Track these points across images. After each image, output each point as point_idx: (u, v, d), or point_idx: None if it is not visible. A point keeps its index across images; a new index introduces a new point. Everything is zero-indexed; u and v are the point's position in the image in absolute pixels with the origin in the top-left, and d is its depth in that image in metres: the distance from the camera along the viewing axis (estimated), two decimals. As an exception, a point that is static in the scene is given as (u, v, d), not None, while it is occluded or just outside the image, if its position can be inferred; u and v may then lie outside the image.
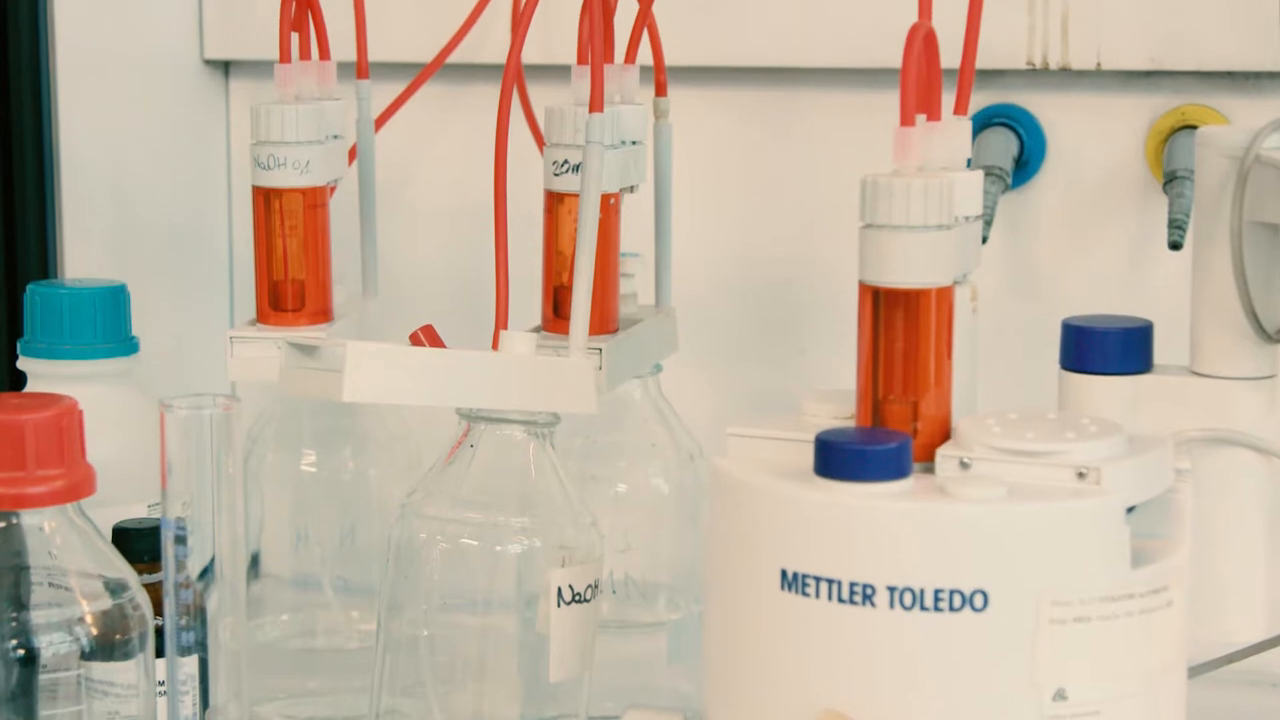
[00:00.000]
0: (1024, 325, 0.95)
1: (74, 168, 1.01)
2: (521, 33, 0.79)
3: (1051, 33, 0.94)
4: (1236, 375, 0.70)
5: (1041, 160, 0.97)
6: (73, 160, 1.01)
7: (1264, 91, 0.93)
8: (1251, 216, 0.68)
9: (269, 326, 0.84)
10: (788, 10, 0.98)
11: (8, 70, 0.99)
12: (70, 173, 1.01)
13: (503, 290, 0.79)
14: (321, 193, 0.85)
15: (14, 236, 0.99)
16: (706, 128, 1.01)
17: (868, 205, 0.63)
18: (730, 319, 1.02)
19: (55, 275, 1.00)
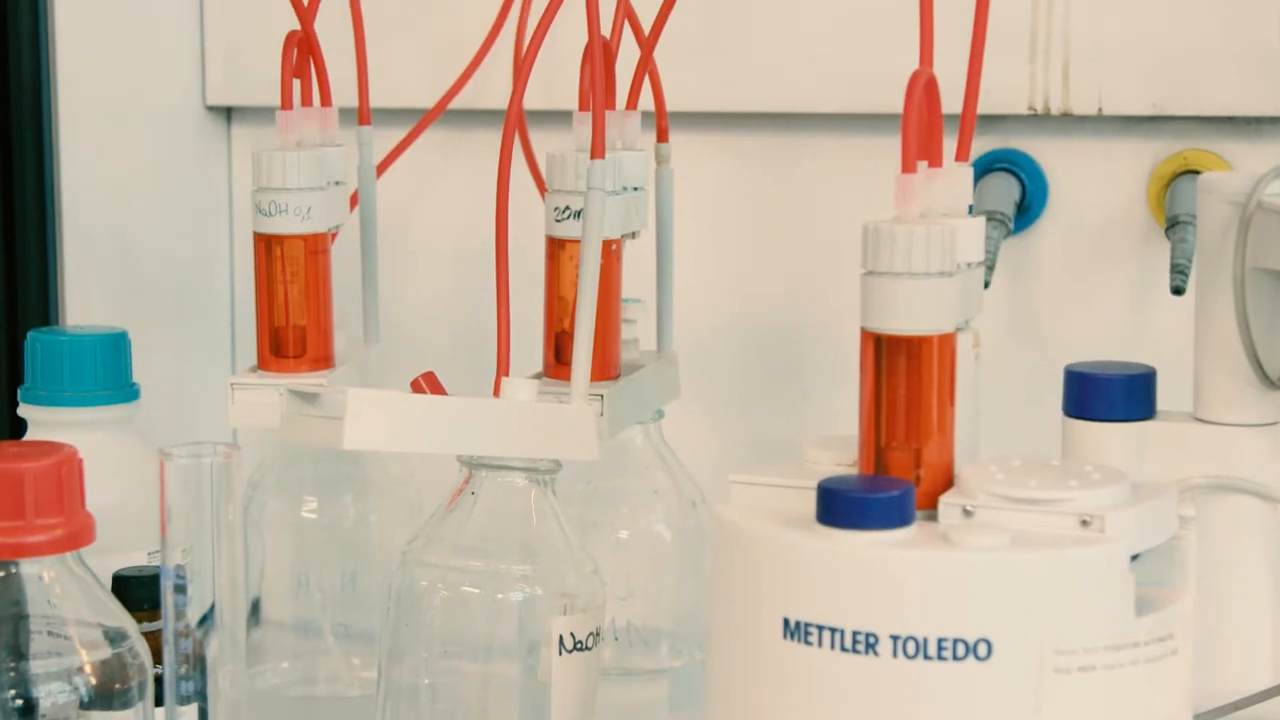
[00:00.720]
0: (1026, 370, 0.94)
1: (75, 213, 1.01)
2: (523, 79, 0.79)
3: (1053, 78, 0.94)
4: (1240, 422, 0.69)
5: (1043, 205, 0.97)
6: (74, 206, 1.01)
7: (1265, 136, 0.93)
8: (1254, 263, 0.68)
9: (270, 373, 0.84)
10: (789, 56, 0.98)
11: (10, 115, 0.99)
12: (72, 218, 1.01)
13: (504, 336, 0.79)
14: (323, 239, 0.85)
15: (15, 283, 0.99)
16: (708, 173, 1.01)
17: (869, 252, 0.62)
18: (732, 364, 1.02)
19: (56, 322, 1.00)
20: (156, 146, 1.06)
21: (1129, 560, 0.60)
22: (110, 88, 1.03)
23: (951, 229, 0.63)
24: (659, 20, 0.86)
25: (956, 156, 0.71)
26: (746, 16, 0.98)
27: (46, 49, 1.00)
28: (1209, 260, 0.70)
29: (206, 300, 1.09)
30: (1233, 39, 0.92)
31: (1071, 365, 0.72)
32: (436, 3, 1.03)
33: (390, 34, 1.02)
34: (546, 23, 0.80)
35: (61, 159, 1.00)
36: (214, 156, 1.10)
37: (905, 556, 0.59)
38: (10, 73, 0.99)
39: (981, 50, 0.71)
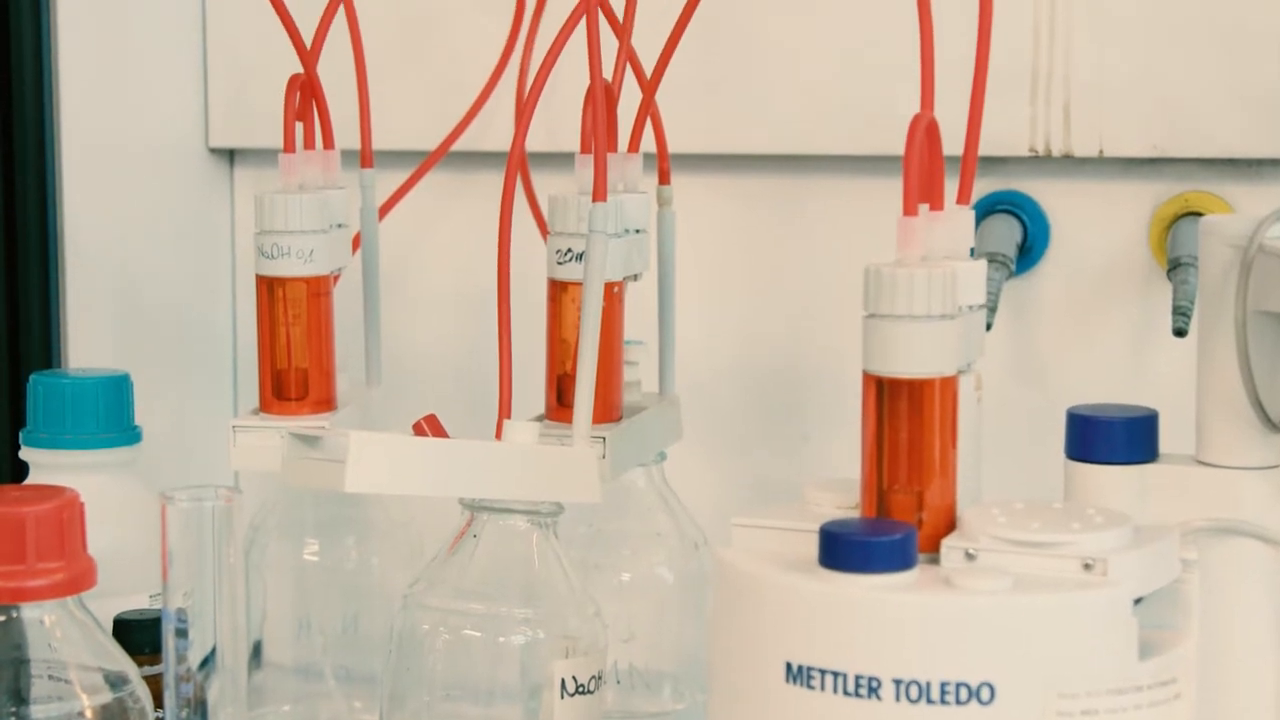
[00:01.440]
0: (1028, 412, 0.94)
1: (78, 256, 1.01)
2: (525, 121, 0.80)
3: (1054, 120, 0.95)
4: (1243, 465, 0.69)
5: (1045, 247, 0.97)
6: (77, 248, 1.01)
7: (1266, 178, 0.94)
8: (1256, 306, 0.67)
9: (272, 415, 0.84)
10: (790, 97, 0.98)
11: (13, 157, 0.99)
12: (74, 261, 1.01)
13: (506, 379, 0.79)
14: (325, 281, 0.85)
15: (18, 325, 0.99)
16: (710, 214, 1.01)
17: (871, 295, 0.63)
18: (734, 406, 1.02)
19: (59, 364, 1.00)
20: (159, 189, 1.06)
21: (1132, 604, 0.60)
22: (113, 130, 1.03)
23: (953, 272, 0.63)
24: (661, 63, 0.86)
25: (958, 199, 0.71)
26: (748, 59, 0.98)
27: (50, 91, 1.00)
28: (1211, 303, 0.70)
29: (209, 342, 1.09)
30: (1233, 81, 0.92)
31: (1073, 408, 0.71)
32: (439, 45, 1.03)
33: (392, 76, 1.02)
34: (549, 65, 0.80)
35: (65, 201, 1.01)
36: (217, 199, 1.10)
37: (908, 600, 0.59)
38: (14, 113, 0.99)
39: (982, 93, 0.71)
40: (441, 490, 0.75)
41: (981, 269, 0.67)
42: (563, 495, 0.77)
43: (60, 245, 1.00)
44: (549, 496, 0.77)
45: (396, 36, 1.03)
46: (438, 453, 0.75)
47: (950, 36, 0.74)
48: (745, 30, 0.98)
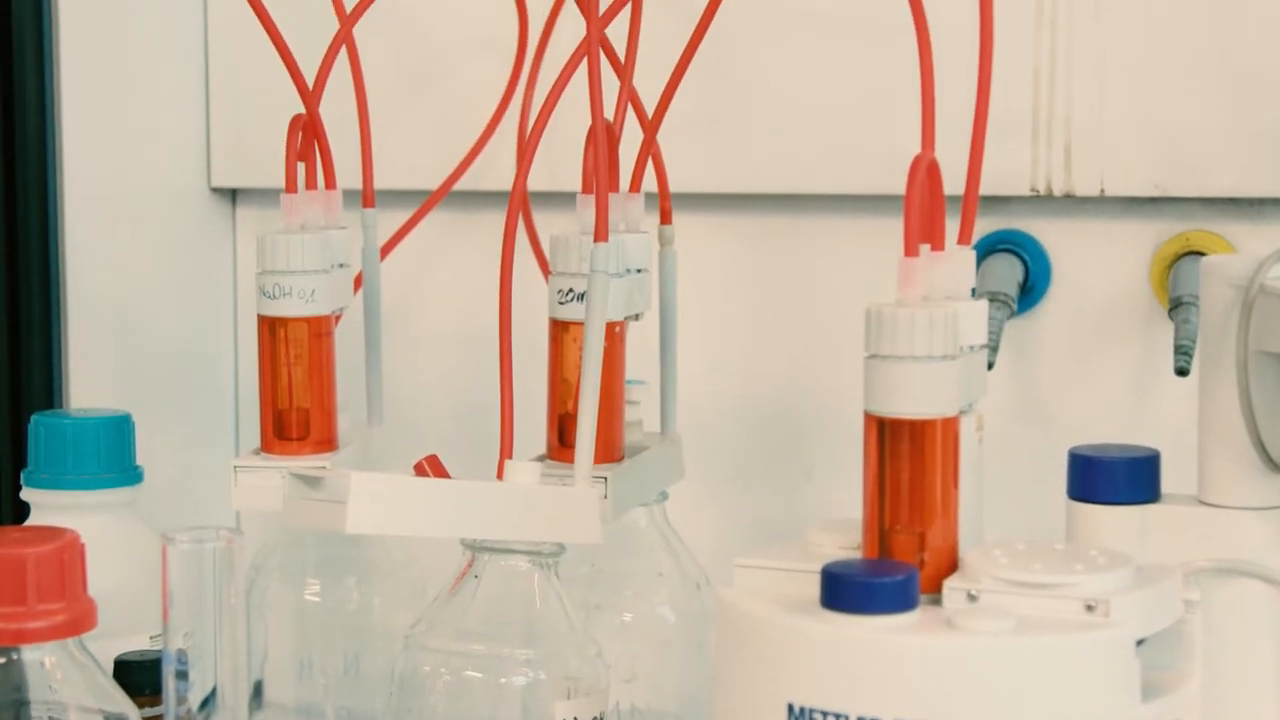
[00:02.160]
0: (1030, 451, 0.94)
1: (80, 295, 1.01)
2: (527, 161, 0.80)
3: (1055, 159, 0.95)
4: (1245, 505, 0.69)
5: (1046, 286, 0.97)
6: (79, 288, 1.01)
7: (1268, 217, 0.94)
8: (1257, 346, 0.68)
9: (273, 455, 0.84)
10: (792, 137, 0.98)
11: (15, 195, 1.00)
12: (76, 300, 1.01)
13: (507, 419, 0.79)
14: (327, 321, 0.85)
15: (19, 365, 0.99)
16: (711, 253, 1.01)
17: (872, 336, 0.63)
18: (736, 445, 1.02)
19: (60, 404, 1.00)
20: (161, 228, 1.06)
21: (1134, 645, 0.60)
22: (115, 169, 1.03)
23: (954, 312, 0.63)
24: (662, 103, 0.86)
25: (959, 239, 0.71)
26: (749, 98, 0.99)
27: (52, 130, 1.00)
28: (1212, 343, 0.70)
29: (211, 382, 1.09)
30: (1234, 120, 0.92)
31: (1075, 448, 0.71)
32: (441, 84, 1.04)
33: (395, 115, 1.02)
34: (550, 105, 0.80)
35: (66, 240, 1.01)
36: (219, 238, 1.10)
37: (910, 642, 0.59)
38: (17, 152, 0.99)
39: (983, 133, 0.71)
40: (443, 531, 0.75)
41: (983, 309, 0.67)
42: (564, 536, 0.77)
43: (62, 285, 1.00)
44: (550, 537, 0.77)
45: (399, 76, 1.03)
46: (439, 493, 0.75)
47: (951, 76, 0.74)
48: (746, 70, 0.98)
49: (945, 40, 0.73)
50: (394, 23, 1.01)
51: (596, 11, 0.78)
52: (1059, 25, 0.94)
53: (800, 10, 0.97)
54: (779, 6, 0.97)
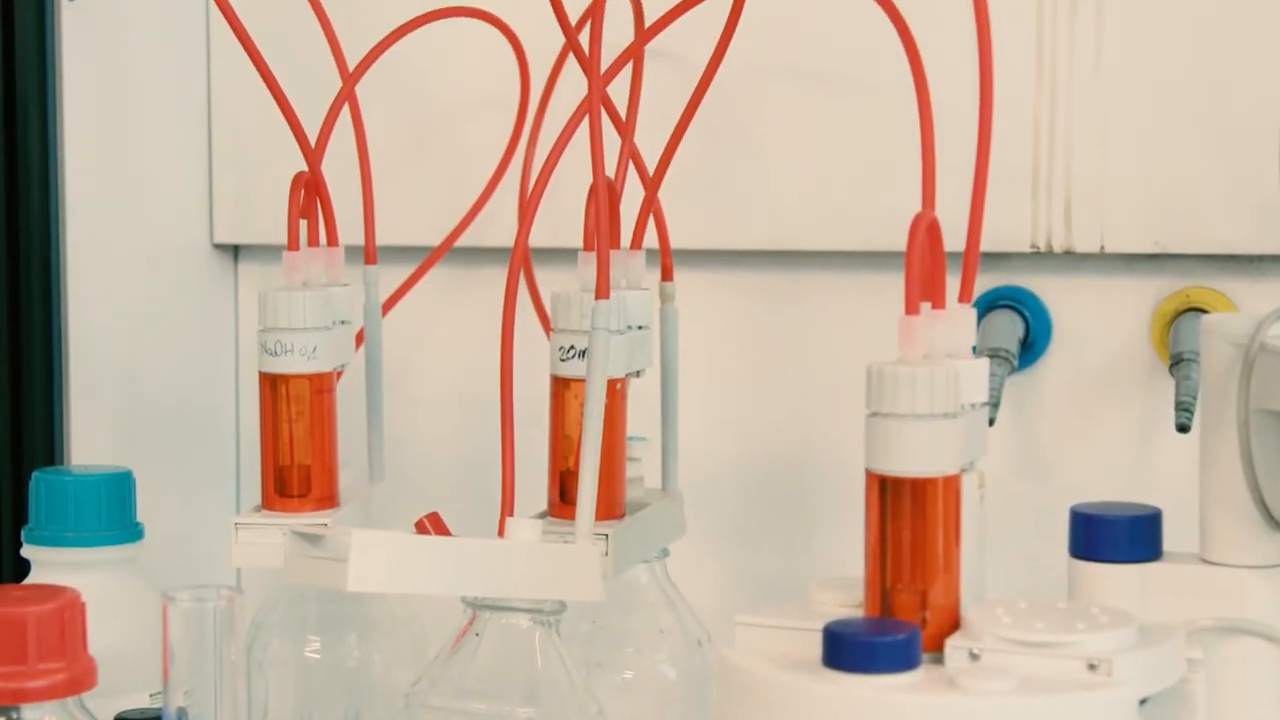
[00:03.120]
0: (1032, 508, 0.94)
1: (82, 351, 1.01)
2: (528, 218, 0.80)
3: (1055, 216, 0.95)
4: (1247, 564, 0.69)
5: (1047, 342, 0.97)
6: (81, 344, 1.01)
7: (1268, 274, 0.94)
8: (1258, 404, 0.68)
9: (274, 512, 0.84)
10: (792, 193, 0.99)
11: (18, 252, 1.00)
12: (78, 356, 1.01)
13: (508, 477, 0.79)
14: (328, 378, 0.85)
15: (21, 422, 0.99)
16: (712, 310, 1.01)
17: (873, 394, 0.63)
18: (737, 502, 1.02)
19: (61, 461, 1.00)
20: (164, 284, 1.06)
21: (1137, 704, 0.60)
22: (118, 224, 1.03)
23: (955, 370, 0.63)
24: (663, 160, 0.86)
25: (960, 297, 0.71)
26: (750, 155, 0.99)
27: (55, 185, 1.00)
28: (1213, 401, 0.70)
29: (212, 438, 1.09)
30: (1234, 177, 0.92)
31: (1077, 506, 0.71)
32: (442, 141, 1.04)
33: (397, 172, 1.03)
34: (552, 162, 0.80)
35: (69, 296, 1.01)
36: (221, 294, 1.10)
37: (912, 701, 0.59)
38: (20, 207, 0.99)
39: (983, 191, 0.71)
40: (444, 589, 0.75)
41: (984, 368, 0.67)
42: (565, 593, 0.77)
43: (64, 341, 1.00)
44: (552, 595, 0.76)
45: (401, 132, 1.04)
46: (440, 551, 0.74)
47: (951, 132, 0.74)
48: (747, 127, 0.99)
49: (945, 96, 0.74)
50: (396, 80, 1.01)
51: (598, 70, 0.79)
52: (1059, 81, 0.95)
53: (800, 67, 0.98)
54: (779, 63, 0.98)
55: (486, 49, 0.99)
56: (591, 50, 0.78)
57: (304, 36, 0.94)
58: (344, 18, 0.96)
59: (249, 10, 0.87)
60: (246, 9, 0.86)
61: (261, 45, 0.85)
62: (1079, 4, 0.94)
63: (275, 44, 0.90)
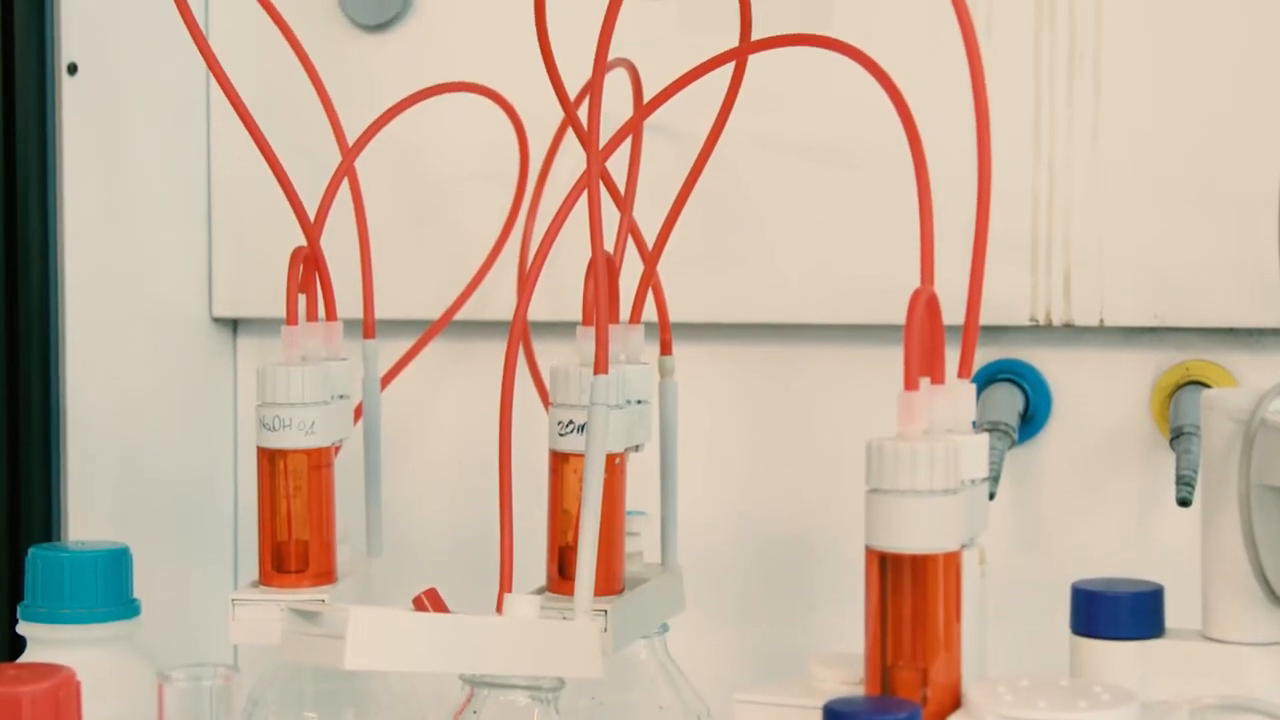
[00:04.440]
0: (1033, 583, 0.94)
1: (79, 425, 1.01)
2: (527, 292, 0.80)
3: (1054, 290, 0.95)
4: (1250, 641, 0.69)
5: (1047, 416, 0.97)
6: (78, 417, 1.01)
7: (1268, 347, 0.94)
8: (1260, 480, 0.67)
9: (272, 588, 0.84)
10: (791, 267, 0.99)
11: (16, 324, 1.00)
12: (76, 430, 1.00)
13: (507, 552, 0.78)
14: (326, 453, 0.85)
15: (18, 497, 0.99)
16: (712, 383, 1.01)
17: (873, 470, 0.63)
18: (737, 576, 1.01)
19: (59, 536, 1.00)
20: (162, 357, 1.06)
21: (1140, 784, 0.59)
22: (117, 298, 1.03)
23: (955, 446, 0.63)
24: (662, 234, 0.86)
25: (959, 372, 0.71)
26: (748, 228, 0.99)
27: (54, 259, 1.00)
28: (1214, 476, 0.70)
29: (210, 512, 1.09)
30: (1233, 251, 0.92)
31: (1078, 582, 0.71)
32: (442, 215, 1.04)
33: (396, 245, 1.03)
34: (551, 236, 0.81)
35: (67, 369, 1.01)
36: (220, 368, 1.10)
37: (913, 781, 0.59)
38: (19, 281, 0.99)
39: (982, 266, 0.71)
40: (442, 666, 0.74)
41: (984, 443, 0.66)
42: (564, 670, 0.76)
43: (62, 414, 1.00)
44: (550, 671, 0.76)
45: (400, 206, 1.04)
46: (438, 628, 0.74)
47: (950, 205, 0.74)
48: (746, 200, 0.99)
49: (945, 169, 0.74)
50: (396, 154, 1.02)
51: (597, 144, 0.79)
52: (1057, 155, 0.95)
53: (798, 141, 0.98)
54: (778, 137, 0.98)
55: (485, 123, 1.00)
56: (590, 124, 0.78)
57: (304, 110, 0.95)
58: (343, 92, 0.96)
59: (248, 84, 0.87)
60: (246, 83, 0.87)
61: (261, 119, 0.85)
62: (1077, 78, 0.94)
63: (275, 117, 0.90)
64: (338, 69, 1.00)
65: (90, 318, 1.02)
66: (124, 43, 1.02)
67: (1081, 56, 0.94)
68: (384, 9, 1.03)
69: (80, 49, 0.99)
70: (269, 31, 0.92)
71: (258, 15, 0.91)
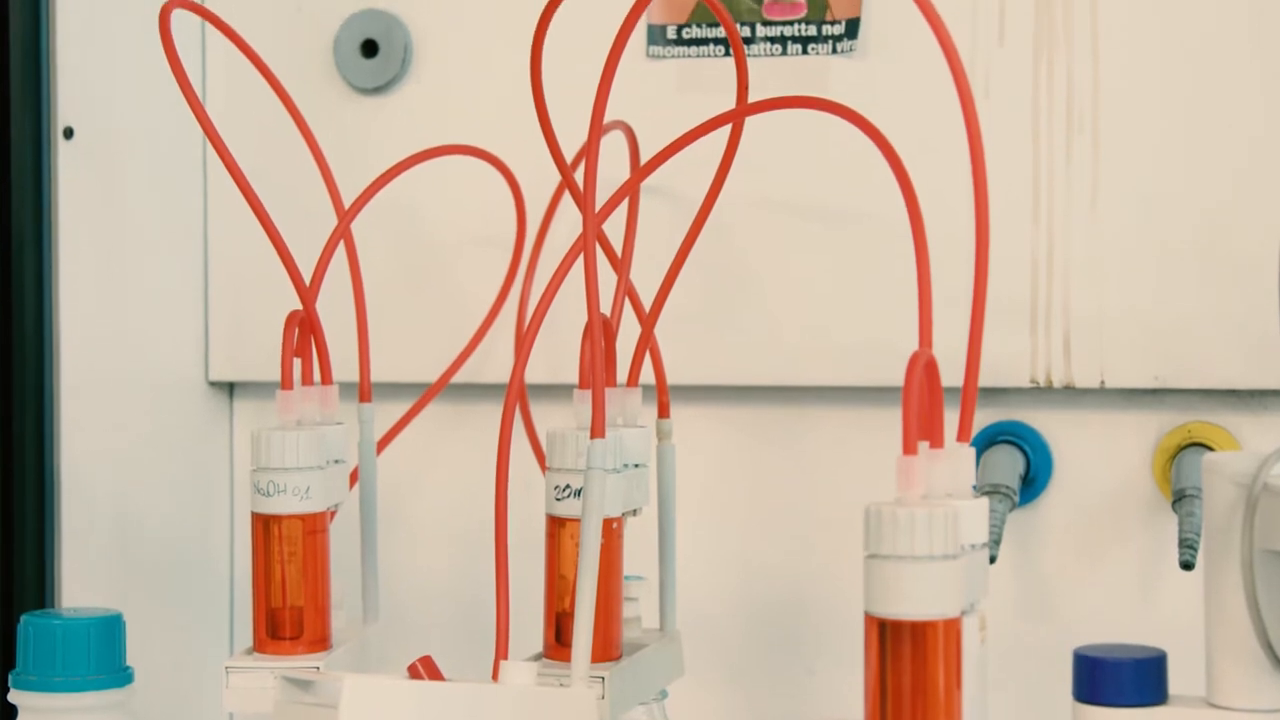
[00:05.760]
0: (1034, 648, 0.93)
1: (74, 489, 1.00)
2: (524, 355, 0.79)
3: (1054, 351, 0.95)
4: (1254, 708, 0.68)
5: (1049, 478, 0.97)
6: (74, 482, 1.00)
7: (1269, 409, 0.93)
8: (1263, 545, 0.67)
9: (266, 655, 0.83)
10: (789, 329, 0.98)
11: (11, 388, 0.99)
12: (70, 495, 1.00)
13: (503, 619, 0.78)
14: (321, 518, 0.84)
15: (11, 563, 0.99)
16: (710, 446, 1.00)
17: (871, 535, 0.62)
18: (737, 640, 1.01)
19: (53, 601, 0.99)
20: (158, 421, 1.06)
21: None
22: (113, 360, 1.03)
23: (954, 511, 0.62)
24: (660, 296, 0.86)
25: (958, 436, 0.71)
26: (746, 290, 0.99)
27: (49, 321, 1.00)
28: (1217, 540, 0.69)
29: (205, 578, 1.08)
30: (1233, 312, 0.92)
31: (1080, 648, 0.70)
32: (439, 277, 1.04)
33: (392, 308, 1.02)
34: (549, 298, 0.80)
35: (62, 433, 1.00)
36: (216, 431, 1.09)
37: None
38: (14, 343, 0.99)
39: (981, 328, 0.71)
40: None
41: (983, 507, 0.66)
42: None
43: (57, 478, 1.00)
44: (547, 739, 0.75)
45: (397, 268, 1.03)
46: (433, 696, 0.73)
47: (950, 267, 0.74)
48: (743, 262, 0.98)
49: (942, 230, 0.73)
50: (392, 216, 1.02)
51: (593, 207, 0.78)
52: (1055, 216, 0.94)
53: (796, 203, 0.98)
54: (775, 199, 0.98)
55: (483, 185, 0.99)
56: (586, 187, 0.78)
57: (301, 173, 0.94)
58: (340, 155, 0.96)
59: (245, 147, 0.87)
60: (243, 146, 0.86)
61: (258, 182, 0.85)
62: (1075, 140, 0.94)
63: (272, 180, 0.90)
64: (335, 132, 1.00)
65: (85, 381, 1.01)
66: (120, 107, 1.02)
67: (1080, 118, 0.94)
68: (381, 72, 1.03)
69: (76, 113, 0.99)
70: (266, 95, 0.92)
71: (254, 79, 0.91)
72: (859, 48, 0.97)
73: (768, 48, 0.98)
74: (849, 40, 0.97)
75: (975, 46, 0.95)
